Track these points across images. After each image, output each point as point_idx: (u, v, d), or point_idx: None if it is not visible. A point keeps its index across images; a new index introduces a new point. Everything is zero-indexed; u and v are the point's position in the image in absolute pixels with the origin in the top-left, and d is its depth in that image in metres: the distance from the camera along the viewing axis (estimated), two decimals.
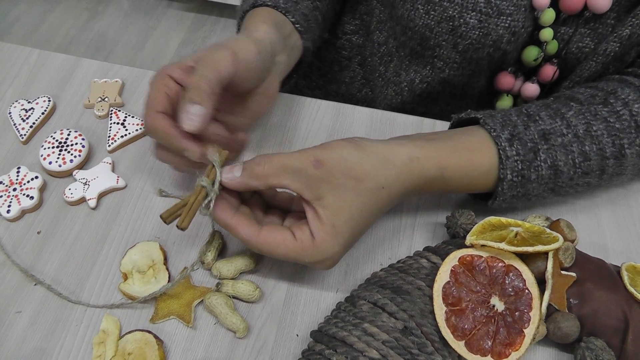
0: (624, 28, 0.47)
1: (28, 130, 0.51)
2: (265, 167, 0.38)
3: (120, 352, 0.39)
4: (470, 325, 0.38)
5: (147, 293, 0.42)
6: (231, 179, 0.39)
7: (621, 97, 0.45)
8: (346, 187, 0.38)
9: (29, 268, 0.44)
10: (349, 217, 0.38)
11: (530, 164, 0.42)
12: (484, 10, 0.47)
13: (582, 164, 0.43)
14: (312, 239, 0.38)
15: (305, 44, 0.51)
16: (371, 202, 0.39)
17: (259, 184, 0.38)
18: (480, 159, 0.42)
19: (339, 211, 0.37)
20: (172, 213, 0.39)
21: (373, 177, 0.39)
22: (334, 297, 0.43)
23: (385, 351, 0.36)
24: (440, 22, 0.48)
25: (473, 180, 0.43)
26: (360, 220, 0.39)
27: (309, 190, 0.37)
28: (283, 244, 0.38)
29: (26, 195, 0.47)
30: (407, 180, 0.40)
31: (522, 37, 0.49)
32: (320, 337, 0.38)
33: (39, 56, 0.58)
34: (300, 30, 0.50)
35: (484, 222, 0.43)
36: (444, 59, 0.51)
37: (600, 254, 0.45)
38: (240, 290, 0.42)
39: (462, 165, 0.42)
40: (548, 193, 0.45)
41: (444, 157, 0.42)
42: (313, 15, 0.53)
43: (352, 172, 0.38)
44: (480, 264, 0.40)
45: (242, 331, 0.40)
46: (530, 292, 0.39)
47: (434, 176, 0.41)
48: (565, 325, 0.39)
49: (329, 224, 0.37)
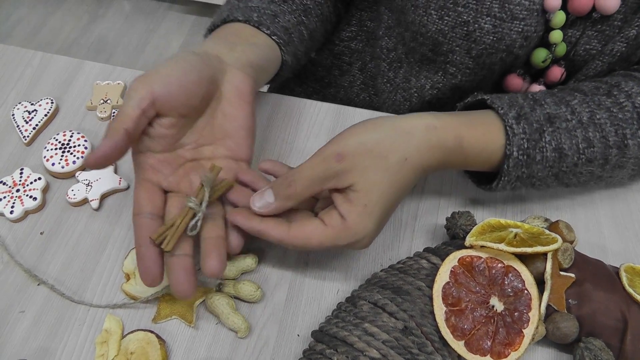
0: (631, 28, 0.47)
1: (31, 132, 0.52)
2: (297, 186, 0.38)
3: (122, 351, 0.40)
4: (470, 326, 0.38)
5: (149, 293, 0.42)
6: (266, 206, 0.39)
7: (624, 89, 0.45)
8: (372, 168, 0.38)
9: (32, 268, 0.44)
10: (380, 195, 0.38)
11: (535, 144, 0.43)
12: (499, 15, 0.47)
13: (586, 150, 0.44)
14: (342, 221, 0.38)
15: (285, 58, 0.50)
16: (398, 176, 0.39)
17: (294, 203, 0.39)
18: (494, 134, 0.43)
19: (370, 191, 0.38)
20: (160, 234, 0.37)
21: (395, 151, 0.39)
22: (335, 298, 0.43)
23: (385, 351, 0.37)
24: (454, 28, 0.48)
25: (490, 155, 0.43)
26: (391, 197, 0.39)
27: (340, 182, 0.38)
28: (315, 234, 0.38)
29: (29, 196, 0.47)
30: (427, 150, 0.41)
31: (533, 41, 0.49)
32: (321, 336, 0.39)
33: (42, 59, 0.58)
34: (279, 43, 0.49)
35: (483, 224, 0.43)
36: (457, 65, 0.51)
37: (599, 255, 0.46)
38: (242, 291, 0.42)
39: (479, 137, 0.43)
40: (552, 179, 0.45)
41: (462, 128, 0.42)
42: (297, 29, 0.52)
43: (374, 152, 0.38)
44: (479, 264, 0.41)
45: (244, 331, 0.41)
46: (529, 292, 0.40)
47: (453, 146, 0.42)
48: (564, 326, 0.40)
49: (361, 205, 0.38)
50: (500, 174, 0.44)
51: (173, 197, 0.40)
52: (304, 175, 0.38)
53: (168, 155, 0.41)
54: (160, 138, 0.40)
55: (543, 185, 0.46)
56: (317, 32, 0.56)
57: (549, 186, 0.47)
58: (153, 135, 0.40)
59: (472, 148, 0.43)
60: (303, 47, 0.54)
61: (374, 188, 0.38)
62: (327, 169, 0.38)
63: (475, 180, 0.49)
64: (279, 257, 0.45)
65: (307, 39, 0.54)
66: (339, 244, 0.38)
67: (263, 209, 0.39)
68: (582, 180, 0.47)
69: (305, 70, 0.68)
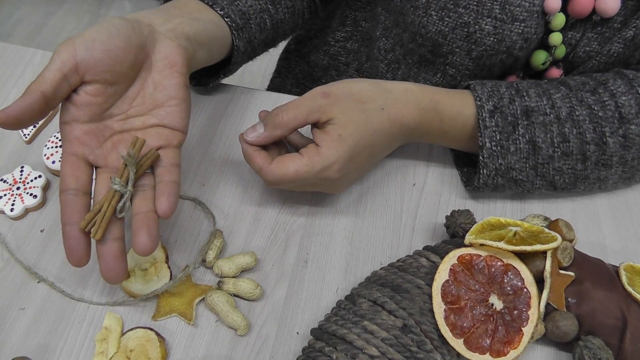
0: (628, 29, 0.47)
1: (32, 130, 0.52)
2: (284, 115, 0.42)
3: (122, 348, 0.40)
4: (469, 324, 0.38)
5: (149, 291, 0.42)
6: (257, 136, 0.43)
7: (610, 88, 0.46)
8: (351, 108, 0.43)
9: (33, 266, 0.44)
10: (354, 129, 0.42)
11: (508, 136, 0.45)
12: (499, 17, 0.47)
13: (561, 144, 0.45)
14: (316, 148, 0.42)
15: (237, 43, 0.49)
16: (374, 121, 0.44)
17: (282, 131, 0.43)
18: (469, 101, 0.46)
19: (346, 125, 0.42)
20: (89, 221, 0.36)
21: (373, 100, 0.44)
22: (334, 296, 0.43)
23: (384, 348, 0.37)
24: (454, 29, 0.48)
25: (464, 126, 0.47)
26: (365, 136, 0.43)
27: (323, 116, 0.42)
28: (291, 163, 0.42)
29: (30, 194, 0.47)
30: (404, 106, 0.45)
31: (533, 42, 0.49)
32: (320, 334, 0.39)
33: (42, 57, 0.58)
34: (231, 26, 0.48)
35: (483, 222, 0.43)
36: (457, 66, 0.51)
37: (599, 254, 0.46)
38: (241, 289, 0.42)
39: (454, 102, 0.46)
40: (532, 174, 0.46)
41: (438, 93, 0.47)
42: (259, 16, 0.51)
43: (356, 95, 0.44)
44: (479, 263, 0.41)
45: (243, 329, 0.41)
46: (528, 291, 0.40)
47: (428, 107, 0.46)
48: (563, 324, 0.40)
49: (335, 134, 0.42)
50: (479, 167, 0.46)
51: (101, 174, 0.39)
52: (291, 106, 0.43)
53: (95, 126, 0.39)
54: (86, 106, 0.38)
55: (527, 183, 0.47)
56: (284, 24, 0.56)
57: (533, 184, 0.47)
58: (78, 104, 0.38)
59: (447, 111, 0.46)
60: (262, 36, 0.53)
61: (350, 123, 0.42)
62: (312, 103, 0.43)
63: (465, 181, 0.50)
64: (278, 255, 0.45)
65: (270, 28, 0.53)
66: (313, 170, 0.42)
67: (254, 138, 0.43)
68: (566, 178, 0.47)
69: (302, 72, 0.69)
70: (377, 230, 0.47)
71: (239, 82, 0.59)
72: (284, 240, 0.46)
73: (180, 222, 0.47)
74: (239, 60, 0.52)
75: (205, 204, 0.48)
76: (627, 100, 0.45)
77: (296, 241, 0.46)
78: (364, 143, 0.43)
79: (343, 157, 0.42)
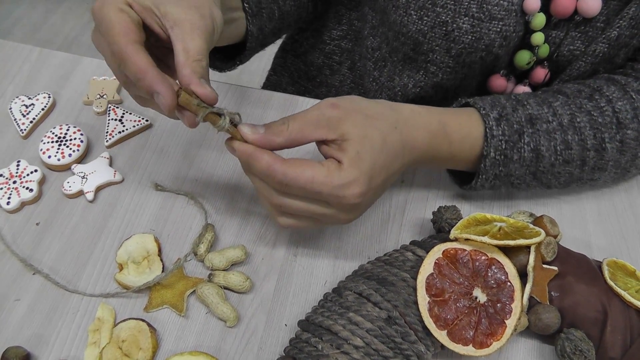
0: (612, 29, 0.48)
1: (28, 125, 0.53)
2: (288, 124, 0.38)
3: (114, 339, 0.41)
4: (453, 316, 0.39)
5: (141, 283, 0.43)
6: (254, 131, 0.38)
7: (606, 94, 0.47)
8: (364, 123, 0.39)
9: (28, 258, 0.45)
10: (371, 147, 0.39)
11: (514, 145, 0.45)
12: (477, 15, 0.48)
13: (564, 152, 0.45)
14: (337, 163, 0.38)
15: (250, 28, 0.50)
16: (388, 139, 0.40)
17: (284, 140, 0.38)
18: (476, 121, 0.45)
19: (362, 142, 0.39)
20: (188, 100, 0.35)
21: (385, 118, 0.41)
22: (322, 289, 0.44)
23: (369, 339, 0.38)
24: (433, 27, 0.49)
25: (473, 147, 0.45)
26: (381, 155, 0.39)
27: (332, 131, 0.38)
28: (309, 167, 0.37)
29: (26, 188, 0.48)
30: (414, 128, 0.42)
31: (513, 41, 0.50)
32: (307, 326, 0.40)
33: (40, 54, 0.59)
34: (248, 11, 0.49)
35: (469, 218, 0.44)
36: (437, 64, 0.52)
37: (584, 250, 0.46)
38: (231, 281, 0.43)
39: (462, 123, 0.45)
40: (530, 178, 0.47)
41: (445, 114, 0.45)
42: (269, 7, 0.52)
43: (365, 110, 0.40)
44: (463, 257, 0.41)
45: (232, 320, 0.42)
46: (512, 284, 0.40)
47: (437, 129, 0.44)
48: (546, 317, 0.40)
49: (354, 151, 0.38)
50: (478, 173, 0.46)
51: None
52: (297, 116, 0.39)
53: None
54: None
55: (523, 185, 0.48)
56: (290, 15, 0.57)
57: (529, 185, 0.48)
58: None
59: (456, 133, 0.45)
60: (271, 25, 0.54)
61: (365, 139, 0.39)
62: (320, 114, 0.39)
63: (457, 181, 0.51)
64: (268, 249, 0.46)
65: (277, 18, 0.54)
66: (331, 183, 0.37)
67: (250, 132, 0.38)
68: (561, 180, 0.48)
69: (297, 70, 0.69)
70: (366, 225, 0.48)
71: (237, 81, 0.59)
72: (274, 234, 0.47)
73: (174, 216, 0.48)
74: (253, 45, 0.52)
75: (198, 198, 0.49)
76: (623, 105, 0.46)
77: (286, 236, 0.47)
78: (381, 163, 0.39)
79: (363, 177, 0.38)
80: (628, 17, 0.47)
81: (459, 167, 0.48)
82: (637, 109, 0.46)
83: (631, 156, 0.47)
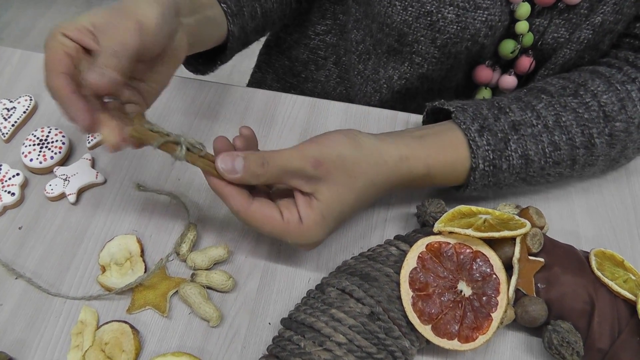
0: (596, 15, 0.48)
1: (10, 129, 0.52)
2: (267, 169, 0.38)
3: (97, 342, 0.40)
4: (437, 310, 0.39)
5: (124, 284, 0.43)
6: (231, 172, 0.38)
7: (590, 88, 0.46)
8: (341, 184, 0.40)
9: (10, 262, 0.45)
10: (339, 211, 0.40)
11: (501, 154, 0.44)
12: (461, 5, 0.47)
13: (553, 153, 0.44)
14: (299, 222, 0.39)
15: (232, 28, 0.49)
16: (361, 197, 0.41)
17: (256, 182, 0.39)
18: (462, 153, 0.44)
19: (332, 204, 0.40)
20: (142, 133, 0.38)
21: (367, 176, 0.41)
22: (306, 286, 0.44)
23: (351, 336, 0.37)
24: (418, 18, 0.49)
25: (458, 175, 0.45)
26: (348, 213, 0.41)
27: (307, 186, 0.39)
28: (270, 221, 0.39)
29: (8, 192, 0.48)
30: (396, 179, 0.43)
31: (499, 30, 0.50)
32: (290, 323, 0.39)
33: (20, 56, 0.59)
34: (227, 12, 0.48)
35: (453, 211, 0.44)
36: (423, 55, 0.52)
37: (572, 241, 0.46)
38: (214, 280, 0.42)
39: (448, 162, 0.44)
40: (520, 183, 0.46)
41: (431, 157, 0.44)
42: (250, 5, 0.52)
43: (349, 171, 0.40)
44: (447, 250, 0.41)
45: (215, 320, 0.41)
46: (497, 277, 0.40)
47: (421, 174, 0.44)
48: (532, 309, 0.40)
49: (319, 214, 0.39)
50: (467, 184, 0.45)
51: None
52: (278, 162, 0.39)
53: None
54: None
55: (511, 188, 0.47)
56: (273, 13, 0.56)
57: (516, 188, 0.47)
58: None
59: (440, 173, 0.44)
60: (253, 24, 0.54)
61: (336, 204, 0.40)
62: (301, 169, 0.39)
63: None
64: (251, 247, 0.46)
65: (260, 16, 0.54)
66: (287, 239, 0.40)
67: (227, 173, 0.38)
68: (551, 180, 0.47)
69: (282, 66, 0.69)
70: (350, 221, 0.48)
71: (228, 80, 0.59)
72: (256, 232, 0.47)
73: (156, 216, 0.48)
74: (234, 46, 0.52)
75: (181, 198, 0.48)
76: (609, 97, 0.45)
77: None
78: (345, 218, 0.42)
79: (322, 238, 0.41)
80: (611, 2, 0.47)
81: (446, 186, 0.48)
82: (622, 100, 0.46)
83: (621, 148, 0.47)
